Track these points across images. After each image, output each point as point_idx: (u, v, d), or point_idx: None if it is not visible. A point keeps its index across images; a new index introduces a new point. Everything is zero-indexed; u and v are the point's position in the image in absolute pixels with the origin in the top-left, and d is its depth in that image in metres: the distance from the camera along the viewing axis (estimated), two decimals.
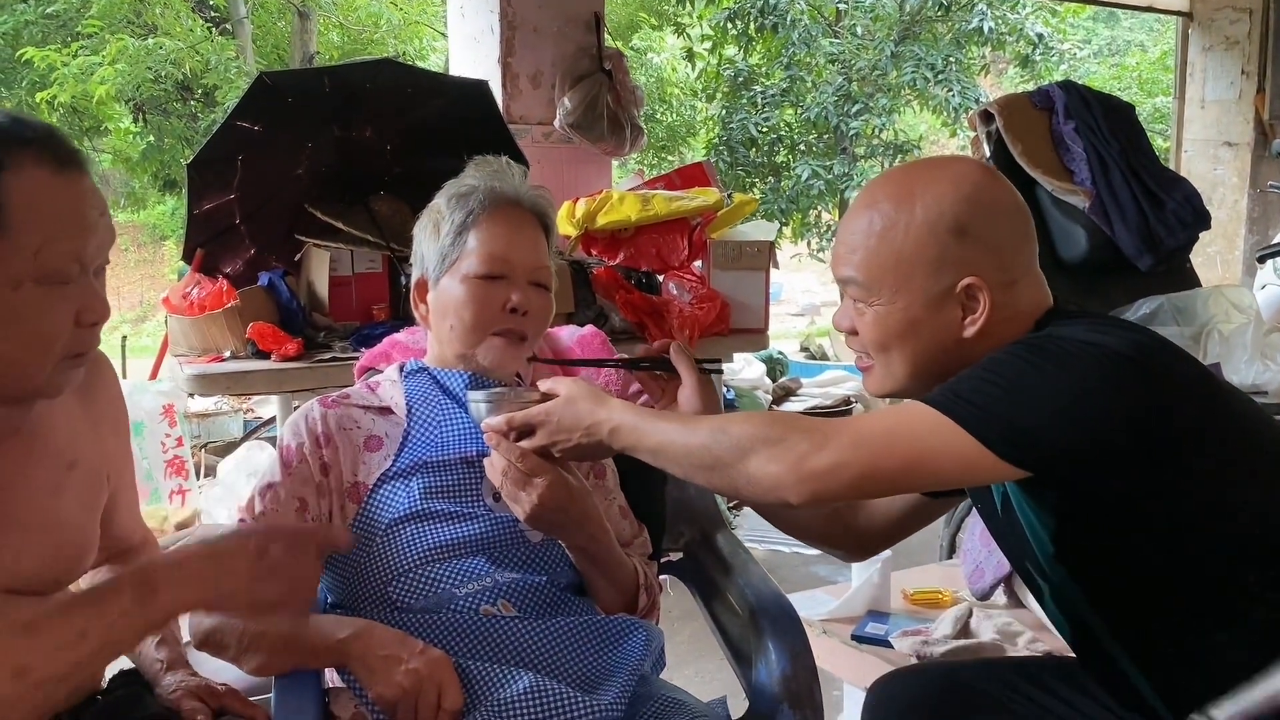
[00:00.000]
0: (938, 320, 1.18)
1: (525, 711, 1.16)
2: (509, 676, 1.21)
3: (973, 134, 2.66)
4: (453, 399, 1.45)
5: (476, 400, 1.33)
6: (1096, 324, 1.14)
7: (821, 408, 5.71)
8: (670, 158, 10.68)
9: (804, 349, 9.40)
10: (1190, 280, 2.83)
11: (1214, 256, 6.25)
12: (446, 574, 1.32)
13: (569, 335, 1.79)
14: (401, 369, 1.51)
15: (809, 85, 9.59)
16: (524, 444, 1.27)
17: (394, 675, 1.19)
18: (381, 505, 1.38)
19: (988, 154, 2.53)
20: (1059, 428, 1.06)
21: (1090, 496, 1.12)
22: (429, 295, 1.47)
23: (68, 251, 1.05)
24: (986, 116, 2.56)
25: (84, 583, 1.37)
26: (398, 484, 1.39)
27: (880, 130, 9.51)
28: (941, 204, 1.18)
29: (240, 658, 1.29)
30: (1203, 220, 2.75)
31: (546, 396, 1.28)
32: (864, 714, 1.44)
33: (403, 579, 1.33)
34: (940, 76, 9.12)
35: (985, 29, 9.10)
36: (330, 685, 1.31)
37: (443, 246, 1.44)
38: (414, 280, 1.50)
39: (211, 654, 1.31)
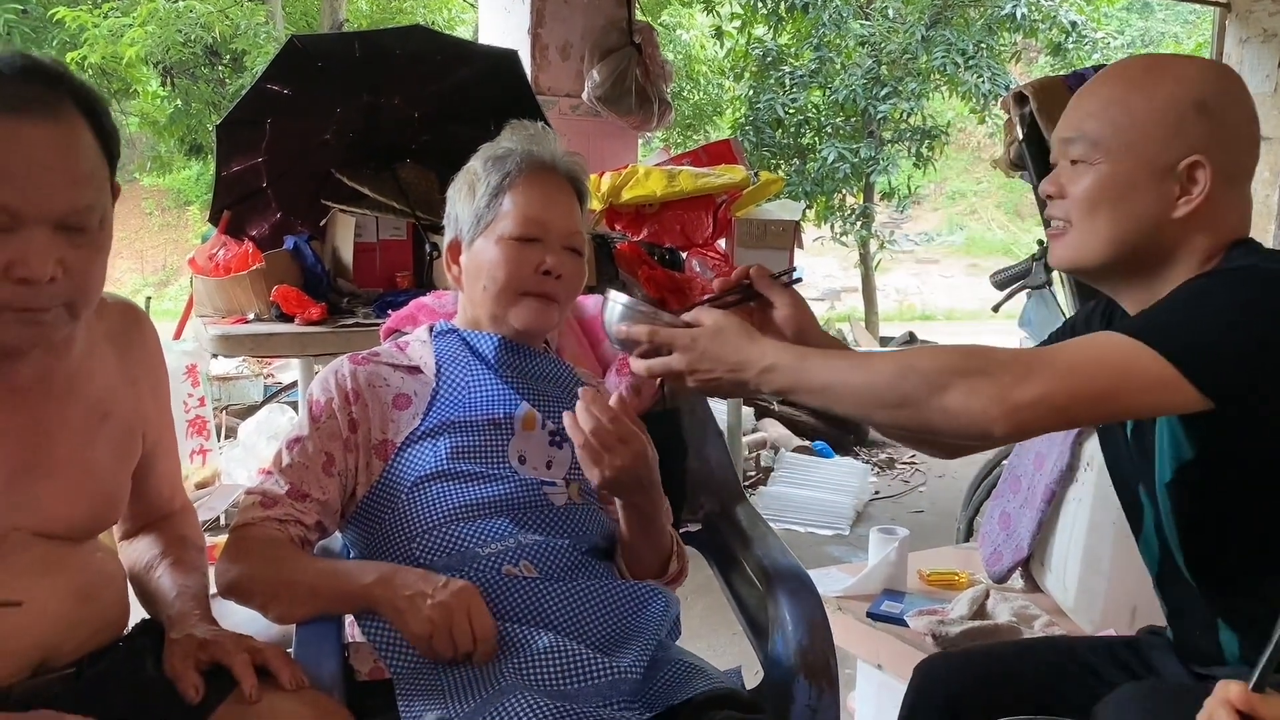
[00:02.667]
0: (1154, 192, 1.18)
1: (546, 670, 1.17)
2: (529, 636, 1.23)
3: (1006, 116, 2.62)
4: (482, 361, 1.45)
5: (617, 302, 1.26)
6: None
7: None
8: (696, 136, 10.63)
9: None
10: None
11: None
12: (470, 533, 1.33)
13: (595, 304, 1.79)
14: (431, 329, 1.51)
15: (838, 67, 9.50)
16: (659, 362, 1.22)
17: (422, 612, 1.20)
18: (408, 463, 1.39)
19: (1021, 136, 2.50)
20: (1253, 359, 1.07)
21: (1246, 434, 1.13)
22: (462, 256, 1.48)
23: None
24: (1020, 99, 2.53)
25: (125, 553, 1.37)
26: (425, 443, 1.40)
27: (908, 115, 9.43)
28: (1191, 80, 1.18)
29: (267, 606, 1.31)
30: None
31: (689, 323, 1.23)
32: (908, 695, 1.44)
33: (426, 537, 1.34)
34: (971, 62, 9.02)
35: (1018, 15, 8.99)
36: (350, 639, 1.33)
37: (478, 208, 1.44)
38: (447, 241, 1.50)
39: (237, 602, 1.32)
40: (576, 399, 1.31)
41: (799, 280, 1.40)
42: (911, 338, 8.88)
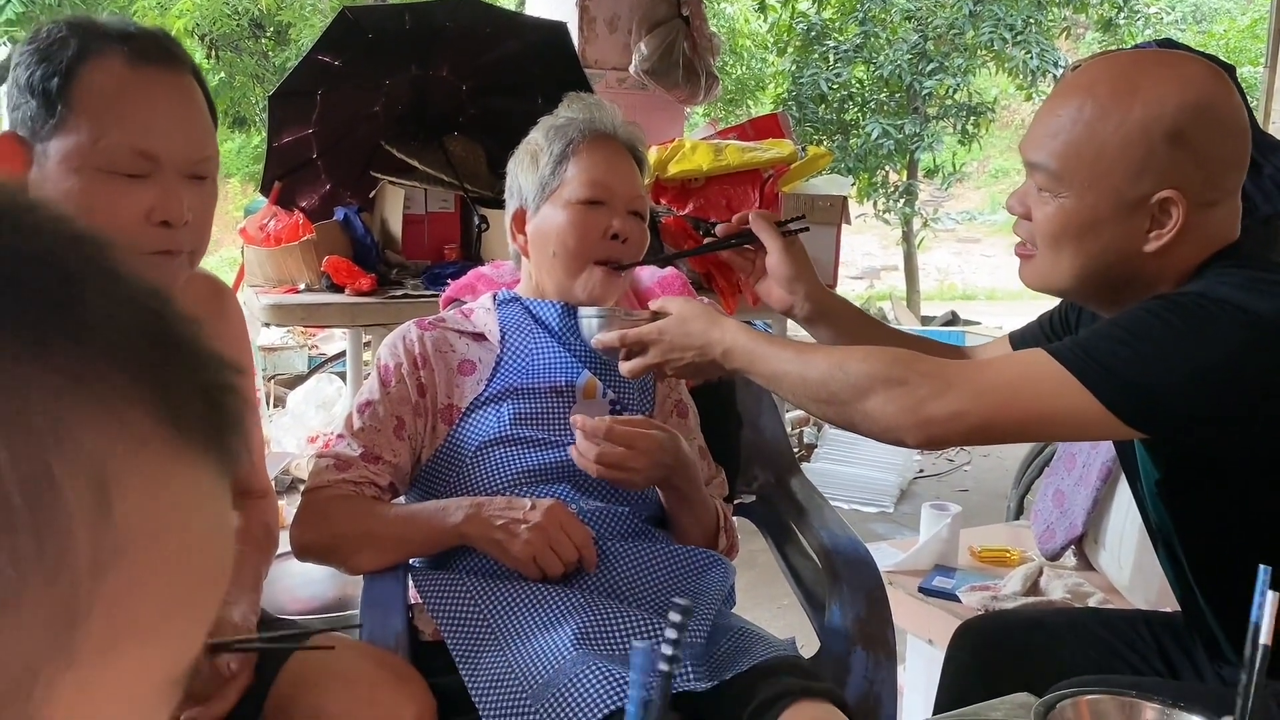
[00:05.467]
0: (1122, 227, 1.10)
1: (610, 633, 1.18)
2: (591, 599, 1.24)
3: None
4: (545, 329, 1.47)
5: (588, 316, 1.33)
6: (1259, 280, 1.06)
7: None
8: (738, 111, 10.57)
9: None
10: None
11: None
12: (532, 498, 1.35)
13: (649, 276, 1.80)
14: (494, 298, 1.53)
15: (883, 42, 9.40)
16: (636, 362, 1.28)
17: (519, 538, 1.25)
18: (472, 428, 1.41)
19: None
20: (1188, 397, 1.03)
21: (1205, 458, 1.10)
22: (528, 225, 1.49)
23: (127, 144, 1.06)
24: None
25: None
26: (489, 408, 1.41)
27: (954, 91, 9.31)
28: (1164, 105, 1.07)
29: (350, 559, 1.35)
30: None
31: (656, 315, 1.29)
32: (948, 658, 1.45)
33: None
34: (1019, 38, 8.89)
35: None
36: (415, 602, 1.34)
37: (543, 176, 1.45)
38: (510, 212, 1.51)
39: (314, 562, 1.35)
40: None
41: (804, 230, 1.45)
42: (954, 317, 8.80)
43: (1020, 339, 1.43)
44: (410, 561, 1.38)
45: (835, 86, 9.32)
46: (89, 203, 1.05)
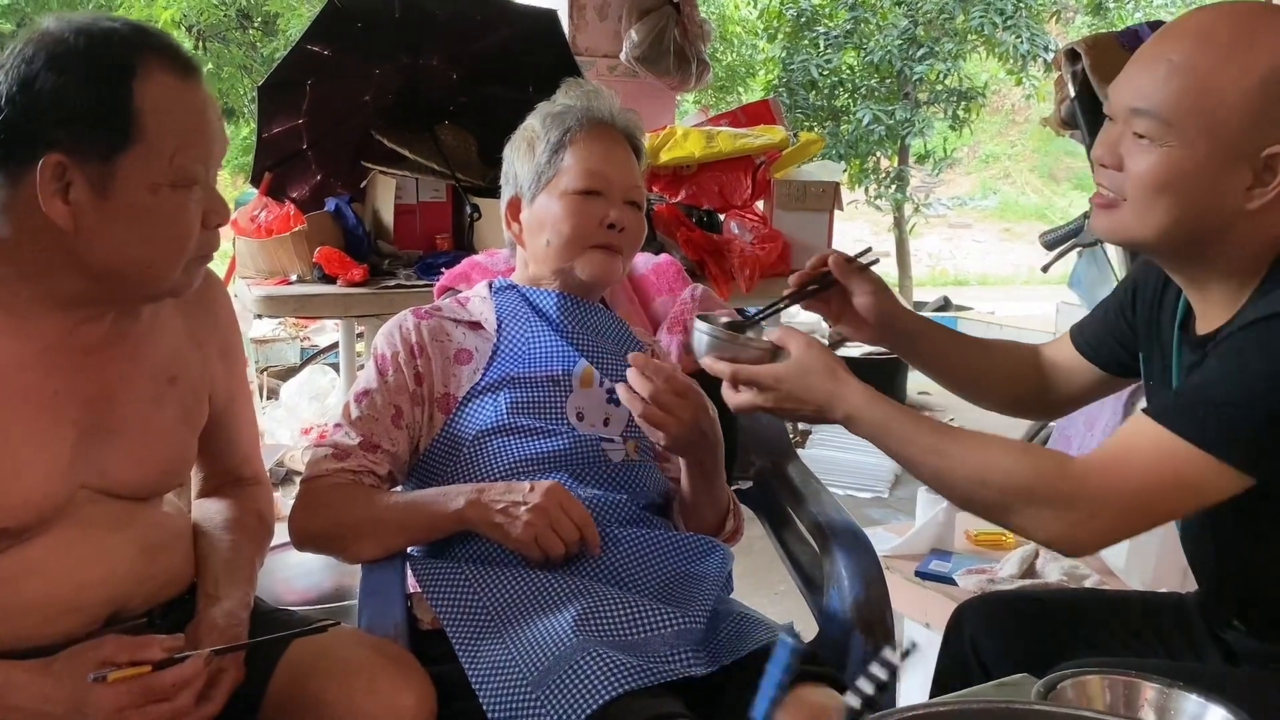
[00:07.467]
0: (1224, 181, 1.06)
1: (611, 620, 1.18)
2: (591, 586, 1.24)
3: (1057, 74, 2.58)
4: (542, 317, 1.46)
5: (702, 332, 1.25)
6: None
7: (874, 354, 5.68)
8: (729, 98, 10.55)
9: None
10: None
11: None
12: None
13: (644, 263, 1.80)
14: (490, 286, 1.52)
15: (873, 27, 9.40)
16: (744, 398, 1.22)
17: (519, 520, 1.26)
18: (469, 417, 1.40)
19: (1072, 94, 2.46)
20: None
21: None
22: (523, 214, 1.48)
23: (196, 155, 1.09)
24: (1073, 56, 2.48)
25: (196, 510, 1.37)
26: (485, 398, 1.41)
27: (944, 76, 9.31)
28: None
29: (350, 546, 1.35)
30: None
31: (776, 349, 1.22)
32: (946, 633, 1.45)
33: None
34: (1009, 22, 8.90)
35: None
36: (413, 590, 1.34)
37: (539, 164, 1.44)
38: (506, 199, 1.51)
39: (314, 551, 1.36)
40: (628, 364, 1.32)
41: (875, 262, 1.40)
42: (946, 303, 8.81)
43: (1080, 331, 1.43)
44: (409, 550, 1.38)
45: (826, 73, 9.32)
46: (163, 217, 1.08)
